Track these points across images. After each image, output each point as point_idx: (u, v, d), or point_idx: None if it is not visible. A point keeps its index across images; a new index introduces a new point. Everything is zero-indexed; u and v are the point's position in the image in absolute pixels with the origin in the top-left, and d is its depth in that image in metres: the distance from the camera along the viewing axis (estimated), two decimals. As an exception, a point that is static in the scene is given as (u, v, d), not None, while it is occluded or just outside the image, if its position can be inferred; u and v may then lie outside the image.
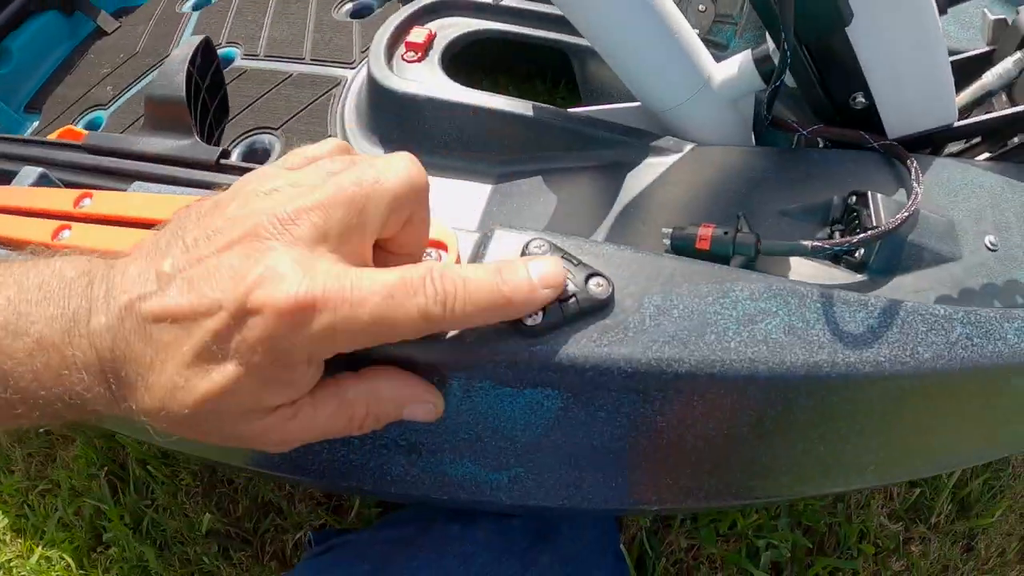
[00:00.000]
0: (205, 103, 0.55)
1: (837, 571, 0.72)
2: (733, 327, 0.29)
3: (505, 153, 0.57)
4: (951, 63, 0.46)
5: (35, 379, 0.23)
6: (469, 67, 0.71)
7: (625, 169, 0.51)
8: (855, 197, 0.42)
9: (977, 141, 0.51)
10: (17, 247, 0.39)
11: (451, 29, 0.67)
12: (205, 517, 0.73)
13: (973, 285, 0.40)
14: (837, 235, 0.42)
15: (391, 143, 0.63)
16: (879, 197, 0.41)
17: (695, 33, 0.50)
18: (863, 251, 0.41)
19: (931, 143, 0.50)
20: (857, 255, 0.41)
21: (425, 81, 0.61)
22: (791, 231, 0.44)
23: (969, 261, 0.41)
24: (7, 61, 0.92)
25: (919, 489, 0.76)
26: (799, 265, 0.42)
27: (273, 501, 0.75)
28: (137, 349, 0.23)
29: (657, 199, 0.49)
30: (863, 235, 0.38)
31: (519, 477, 0.33)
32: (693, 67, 0.50)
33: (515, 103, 0.56)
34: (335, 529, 0.68)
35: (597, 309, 0.28)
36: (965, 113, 0.52)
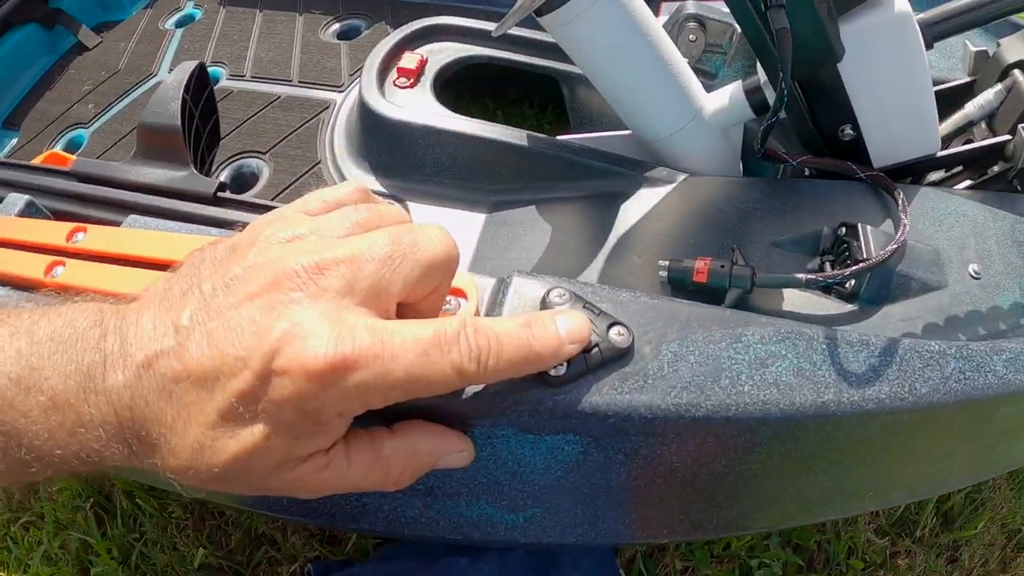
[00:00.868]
0: (198, 130, 0.54)
1: (828, 587, 0.74)
2: (746, 371, 0.30)
3: (498, 182, 0.58)
4: (935, 94, 0.48)
5: (50, 437, 0.23)
6: (456, 91, 0.72)
7: (619, 200, 0.52)
8: (845, 228, 0.43)
9: (959, 169, 0.53)
10: (9, 282, 0.38)
11: (442, 54, 0.67)
12: (199, 552, 0.72)
13: (959, 313, 0.42)
14: (828, 266, 0.44)
15: (382, 169, 0.63)
16: (869, 229, 0.42)
17: (686, 63, 0.51)
18: (854, 282, 0.42)
19: (913, 172, 0.52)
20: (848, 286, 0.42)
21: (418, 108, 0.61)
22: (782, 261, 0.45)
23: (954, 289, 0.42)
24: (-16, 74, 0.89)
25: (904, 504, 0.77)
26: (792, 296, 0.43)
27: (267, 533, 0.74)
28: (158, 408, 0.22)
29: (651, 230, 0.49)
30: (855, 267, 0.39)
31: (535, 517, 0.34)
32: (685, 98, 0.51)
33: (509, 132, 0.57)
34: (334, 561, 0.68)
35: (618, 357, 0.29)
36: (947, 142, 0.54)
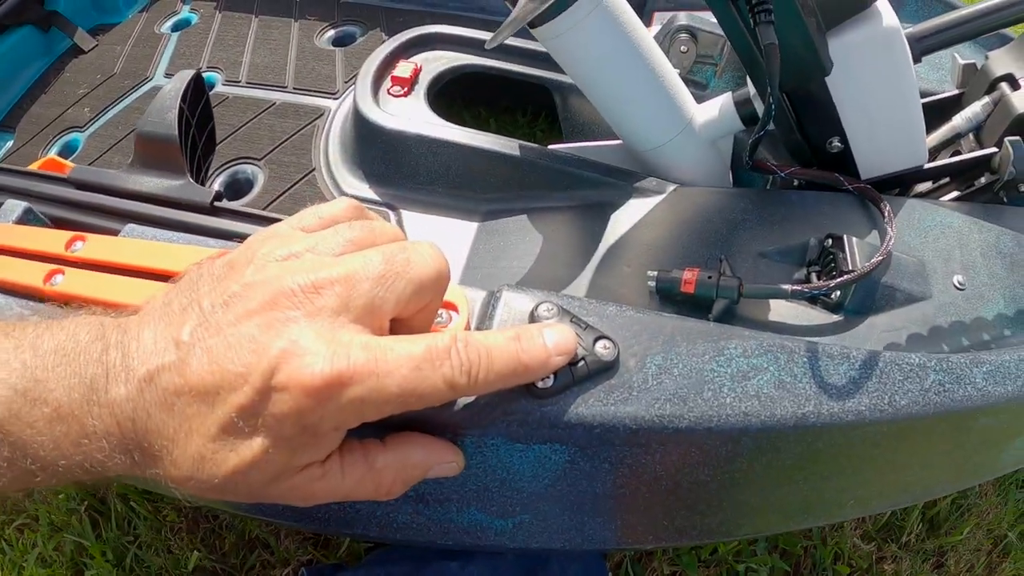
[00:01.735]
0: (194, 138, 0.55)
1: (814, 592, 0.74)
2: (728, 384, 0.31)
3: (491, 191, 0.58)
4: (923, 106, 0.48)
5: (55, 448, 0.23)
6: (450, 98, 0.72)
7: (609, 210, 0.52)
8: (831, 240, 0.44)
9: (946, 181, 0.53)
10: (9, 290, 0.38)
11: (436, 63, 0.68)
12: (193, 555, 0.72)
13: (943, 323, 0.42)
14: (814, 276, 0.44)
15: (376, 177, 0.63)
16: (854, 241, 0.42)
17: (677, 74, 0.52)
18: (839, 292, 0.42)
19: (901, 183, 0.52)
20: (833, 296, 0.43)
21: (411, 117, 0.62)
22: (770, 272, 0.45)
23: (939, 300, 0.43)
24: (-21, 77, 0.89)
25: (887, 512, 0.78)
26: (778, 306, 0.44)
27: (260, 537, 0.74)
28: (160, 421, 0.23)
29: (640, 240, 0.50)
30: (840, 279, 0.40)
31: (523, 523, 0.35)
32: (675, 109, 0.51)
33: (501, 142, 0.57)
34: (327, 565, 0.68)
35: (604, 370, 0.30)
36: (935, 153, 0.55)
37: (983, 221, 0.49)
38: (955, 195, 0.53)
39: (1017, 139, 0.48)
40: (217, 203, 0.47)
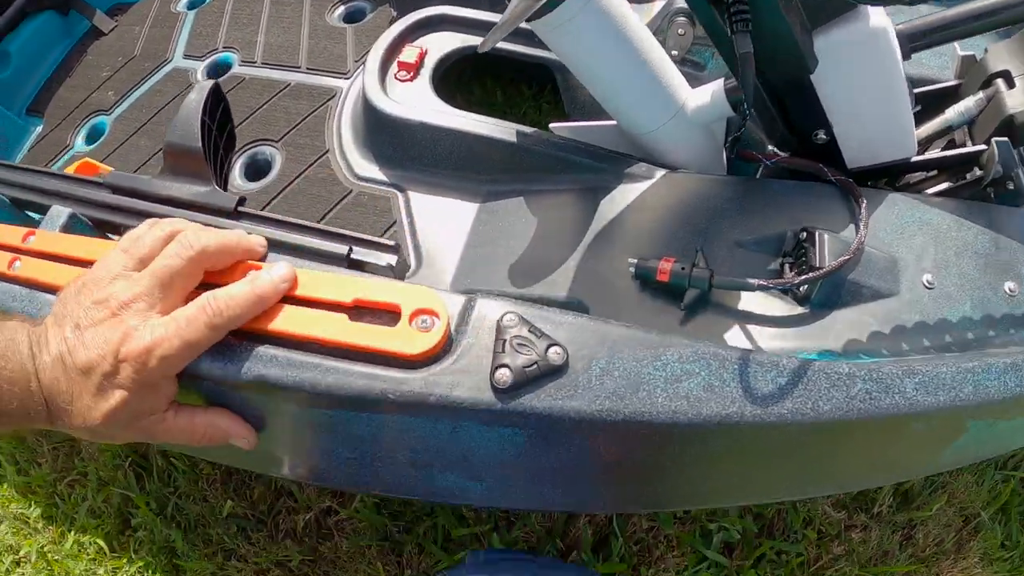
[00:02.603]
0: (216, 141, 0.58)
1: (782, 553, 0.78)
2: (661, 385, 0.37)
3: (491, 174, 0.61)
4: (920, 94, 0.49)
5: (10, 401, 0.37)
6: (459, 71, 0.74)
7: (601, 194, 0.55)
8: (805, 233, 0.46)
9: (936, 172, 0.54)
10: None
11: (441, 45, 0.70)
12: (226, 503, 0.80)
13: (907, 322, 0.45)
14: (787, 268, 0.46)
15: (385, 159, 0.67)
16: (825, 237, 0.44)
17: (671, 59, 0.53)
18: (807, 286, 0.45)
19: (888, 173, 0.53)
20: (800, 289, 0.45)
21: (417, 103, 0.64)
22: (745, 261, 0.48)
23: (905, 298, 0.45)
24: (6, 64, 0.93)
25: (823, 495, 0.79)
26: (747, 295, 0.46)
27: (285, 486, 0.82)
28: (63, 386, 0.36)
29: (627, 225, 0.53)
30: (804, 277, 0.42)
31: (491, 486, 0.42)
32: (669, 95, 0.53)
33: (501, 128, 0.60)
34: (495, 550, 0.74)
35: (555, 371, 0.36)
36: (927, 144, 0.55)
37: (963, 219, 0.50)
38: (945, 186, 0.54)
39: (1004, 139, 0.49)
40: (241, 208, 0.51)
